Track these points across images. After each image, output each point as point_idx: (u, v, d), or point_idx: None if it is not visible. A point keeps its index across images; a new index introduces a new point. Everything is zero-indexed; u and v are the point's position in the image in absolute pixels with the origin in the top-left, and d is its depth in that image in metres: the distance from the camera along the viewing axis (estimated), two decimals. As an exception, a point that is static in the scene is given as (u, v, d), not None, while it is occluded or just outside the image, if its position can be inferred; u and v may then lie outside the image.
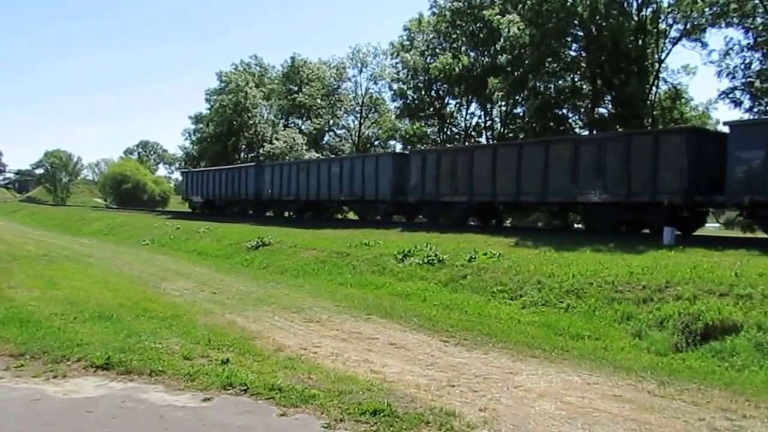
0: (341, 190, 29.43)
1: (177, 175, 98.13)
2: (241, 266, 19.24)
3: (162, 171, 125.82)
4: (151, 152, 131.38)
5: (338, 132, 62.78)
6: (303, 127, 60.22)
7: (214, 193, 41.47)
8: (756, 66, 30.19)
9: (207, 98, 61.50)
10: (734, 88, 30.81)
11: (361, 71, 58.39)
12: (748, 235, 18.55)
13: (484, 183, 22.32)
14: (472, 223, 25.54)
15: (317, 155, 53.52)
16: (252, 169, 37.90)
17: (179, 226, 31.81)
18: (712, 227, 43.07)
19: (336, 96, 59.16)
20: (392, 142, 56.58)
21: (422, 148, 41.19)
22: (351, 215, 36.34)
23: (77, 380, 6.81)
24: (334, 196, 30.20)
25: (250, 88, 55.41)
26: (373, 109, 59.37)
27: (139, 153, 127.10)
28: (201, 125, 60.69)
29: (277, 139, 53.74)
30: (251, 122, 54.83)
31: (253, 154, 55.95)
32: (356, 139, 58.39)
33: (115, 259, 20.98)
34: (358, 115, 59.40)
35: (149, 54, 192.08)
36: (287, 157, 51.12)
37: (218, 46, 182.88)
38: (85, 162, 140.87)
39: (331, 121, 61.11)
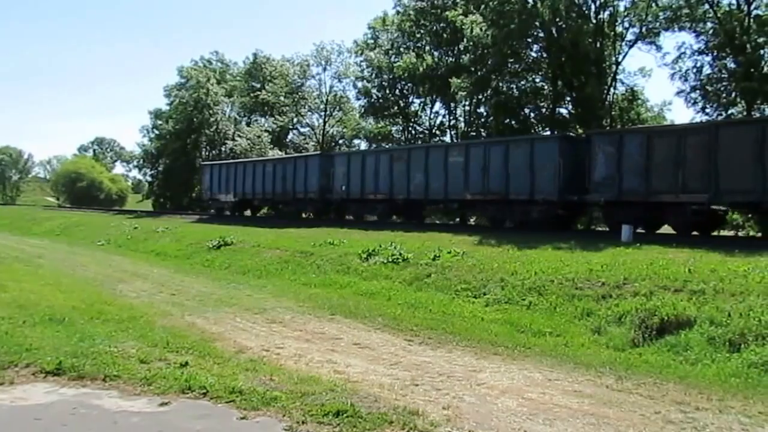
0: (468, 186, 22.65)
1: (135, 173, 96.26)
2: (202, 267, 18.97)
3: (119, 169, 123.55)
4: (108, 149, 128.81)
5: (302, 130, 62.39)
6: (266, 124, 59.68)
7: (254, 191, 34.69)
8: (707, 70, 31.03)
9: (166, 94, 60.44)
10: (694, 88, 31.55)
11: (325, 69, 58.16)
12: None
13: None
14: (437, 222, 26.39)
15: (281, 153, 53.06)
16: (316, 159, 31.15)
17: (137, 225, 31.26)
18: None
19: (300, 93, 58.77)
20: (357, 141, 56.51)
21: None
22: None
23: (26, 387, 6.53)
24: (454, 193, 23.41)
25: (212, 84, 54.65)
26: (337, 108, 59.16)
27: (94, 150, 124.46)
28: (160, 122, 59.65)
29: (239, 136, 53.15)
30: (212, 119, 54.08)
31: (214, 152, 55.21)
32: (321, 137, 58.09)
33: (68, 260, 20.49)
34: (323, 113, 59.13)
35: (105, 49, 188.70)
36: (251, 155, 50.62)
37: (178, 42, 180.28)
38: (37, 159, 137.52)
39: (295, 119, 60.70)
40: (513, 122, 34.62)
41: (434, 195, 24.16)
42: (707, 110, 30.70)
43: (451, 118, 45.61)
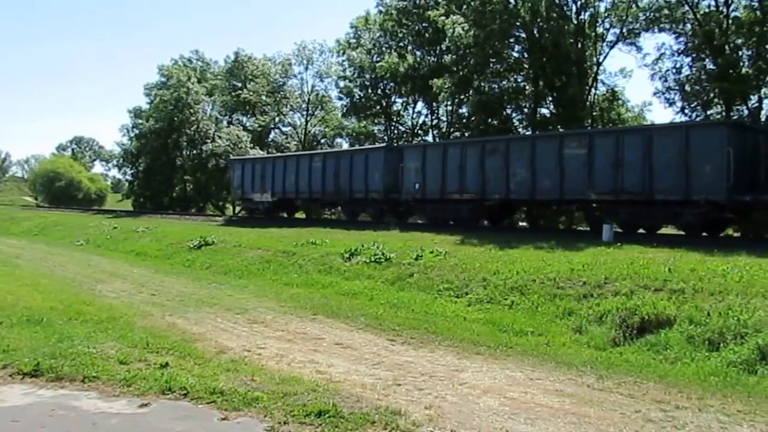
0: (592, 183, 18.56)
1: (114, 173, 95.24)
2: (183, 267, 18.82)
3: (98, 168, 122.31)
4: (87, 149, 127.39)
5: (284, 129, 62.11)
6: (248, 124, 59.35)
7: (297, 190, 30.29)
8: (686, 71, 31.37)
9: (146, 92, 59.82)
10: (669, 88, 31.89)
11: (307, 68, 57.92)
12: (681, 232, 19.18)
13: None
14: (419, 222, 26.11)
15: (262, 153, 52.75)
16: (380, 153, 26.61)
17: (116, 225, 30.96)
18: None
19: (281, 93, 58.49)
20: (339, 140, 56.38)
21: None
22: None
23: (3, 388, 6.45)
24: (573, 192, 19.24)
25: (192, 83, 54.22)
26: (319, 107, 58.98)
27: (73, 149, 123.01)
28: (140, 121, 59.10)
29: (220, 136, 52.80)
30: (193, 118, 53.65)
31: (195, 151, 54.78)
32: (302, 136, 57.89)
33: (46, 260, 20.25)
34: (305, 113, 58.93)
35: (84, 48, 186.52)
36: (233, 154, 50.24)
37: (158, 41, 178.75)
38: (14, 158, 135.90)
39: (277, 118, 60.40)
40: (494, 122, 34.72)
41: (544, 194, 19.88)
42: (686, 111, 31.02)
43: (434, 117, 45.70)
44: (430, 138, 44.33)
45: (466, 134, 37.84)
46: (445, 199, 22.98)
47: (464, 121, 40.39)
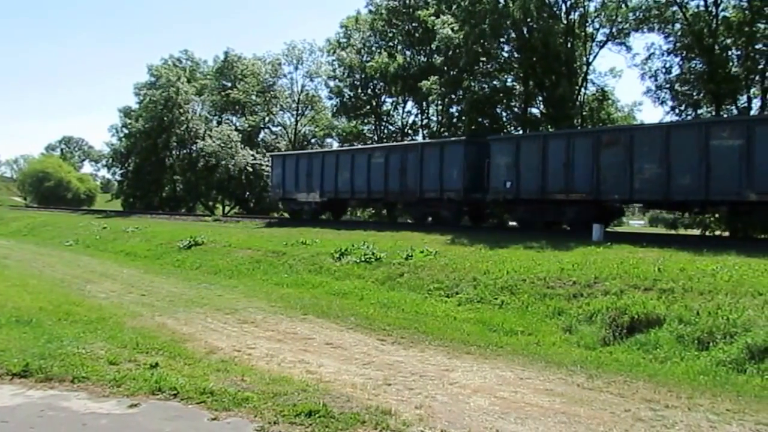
0: (751, 181, 15.61)
1: (104, 173, 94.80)
2: (172, 267, 18.74)
3: (88, 168, 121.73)
4: (76, 149, 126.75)
5: (274, 129, 61.96)
6: (237, 124, 59.18)
7: (352, 189, 27.02)
8: (676, 70, 31.56)
9: (136, 92, 59.62)
10: (659, 87, 32.05)
11: (296, 68, 57.79)
12: (672, 232, 19.37)
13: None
14: (409, 221, 26.04)
15: (252, 153, 52.56)
16: (459, 147, 23.13)
17: (106, 225, 30.80)
18: (637, 224, 44.91)
19: (271, 92, 58.35)
20: (329, 140, 56.29)
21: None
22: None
23: (-8, 389, 6.43)
24: (722, 192, 16.29)
25: (182, 83, 54.03)
26: (309, 107, 58.89)
27: (62, 149, 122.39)
28: (130, 120, 58.84)
29: (210, 136, 52.63)
30: (183, 118, 53.47)
31: (185, 151, 54.59)
32: (292, 136, 57.78)
33: (35, 260, 20.13)
34: (295, 113, 58.82)
35: (74, 48, 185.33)
36: (220, 154, 50.14)
37: (148, 41, 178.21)
38: (3, 158, 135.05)
39: (267, 118, 60.26)
40: (485, 122, 34.76)
41: (682, 194, 16.93)
42: (676, 110, 31.21)
43: (424, 117, 45.72)
44: (420, 138, 44.29)
45: (458, 134, 37.83)
46: (546, 199, 19.92)
47: (454, 120, 40.43)
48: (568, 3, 33.63)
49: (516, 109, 36.51)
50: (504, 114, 37.09)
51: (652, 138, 17.66)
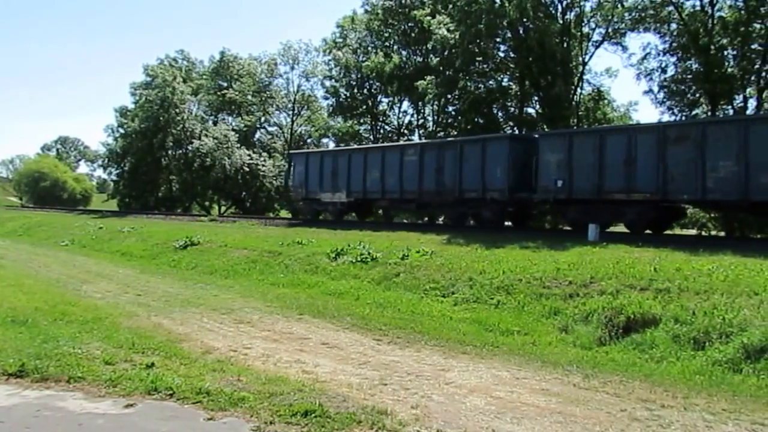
0: None
1: (99, 173, 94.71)
2: (168, 267, 18.70)
3: (83, 168, 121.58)
4: (72, 149, 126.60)
5: (270, 129, 61.93)
6: (233, 124, 59.10)
7: (383, 189, 25.45)
8: (671, 70, 31.65)
9: (132, 92, 59.51)
10: (661, 87, 32.12)
11: (293, 68, 57.73)
12: (667, 231, 19.37)
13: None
14: (405, 221, 25.89)
15: (248, 153, 52.50)
16: (503, 143, 21.82)
17: (102, 225, 30.72)
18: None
19: (267, 92, 58.29)
20: (325, 140, 56.24)
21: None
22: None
23: (-12, 389, 6.41)
24: None
25: (178, 83, 53.92)
26: (305, 107, 58.85)
27: (58, 149, 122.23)
28: (126, 120, 58.75)
29: (206, 134, 52.54)
30: (179, 118, 53.35)
31: (181, 151, 54.47)
32: (288, 136, 57.74)
33: (30, 260, 20.08)
34: (291, 113, 58.76)
35: (70, 48, 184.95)
36: (216, 154, 50.00)
37: (144, 41, 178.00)
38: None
39: (263, 118, 60.20)
40: (481, 121, 34.80)
41: (761, 193, 15.64)
42: (674, 111, 31.31)
43: (419, 117, 45.75)
44: (416, 138, 44.26)
45: (453, 134, 37.86)
46: (604, 199, 18.51)
47: (450, 120, 40.46)
48: (564, 3, 33.73)
49: (512, 109, 36.56)
50: (500, 114, 37.17)
51: (728, 133, 16.37)
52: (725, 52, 29.46)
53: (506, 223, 23.35)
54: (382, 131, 47.90)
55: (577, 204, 19.44)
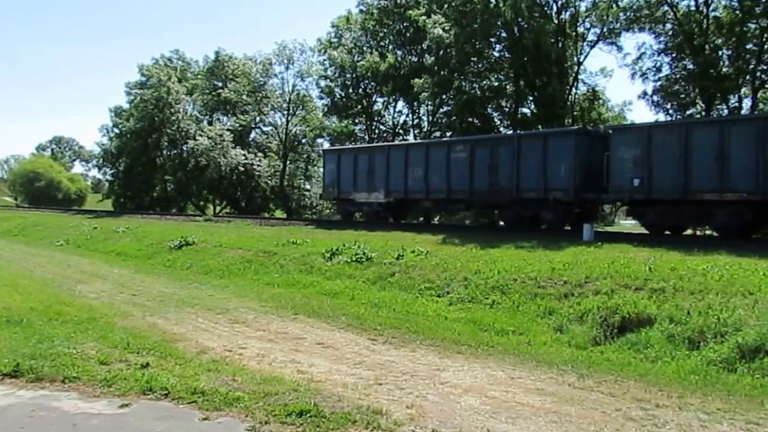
0: None
1: (94, 173, 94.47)
2: (163, 267, 18.67)
3: (78, 168, 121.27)
4: (66, 149, 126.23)
5: (265, 129, 61.84)
6: (228, 123, 59.02)
7: (427, 188, 23.66)
8: (666, 70, 31.72)
9: (127, 91, 59.52)
10: (655, 90, 32.19)
11: (287, 68, 57.61)
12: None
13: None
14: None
15: (243, 152, 52.42)
16: (568, 138, 19.85)
17: (97, 225, 30.64)
18: (628, 224, 45.00)
19: (262, 92, 58.19)
20: (320, 140, 56.19)
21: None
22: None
23: (-17, 390, 6.39)
24: None
25: (173, 82, 53.83)
26: (300, 107, 58.77)
27: (52, 150, 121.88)
28: (120, 120, 58.66)
29: (201, 134, 52.45)
30: (174, 118, 53.26)
31: (176, 151, 54.37)
32: (284, 136, 57.68)
33: (25, 260, 20.02)
34: (286, 112, 58.69)
35: (65, 48, 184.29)
36: (211, 154, 49.91)
37: (139, 41, 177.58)
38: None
39: (258, 118, 60.11)
40: (476, 121, 34.83)
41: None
42: (669, 111, 31.38)
43: (414, 117, 45.75)
44: (411, 137, 44.23)
45: (448, 134, 37.88)
46: (689, 200, 16.91)
47: (445, 120, 40.49)
48: (559, 3, 33.79)
49: (507, 109, 36.60)
50: (495, 114, 37.21)
51: None
52: (720, 52, 29.51)
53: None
54: (377, 131, 47.90)
55: (657, 205, 17.74)
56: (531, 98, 35.04)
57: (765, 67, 28.43)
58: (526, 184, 20.21)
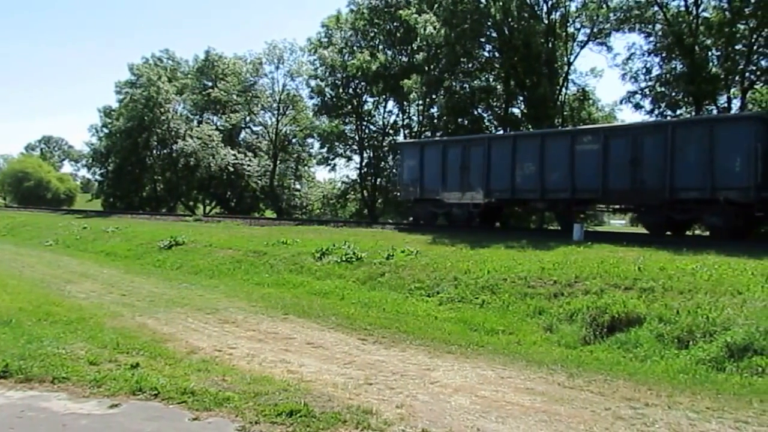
0: None
1: (84, 173, 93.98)
2: (153, 267, 18.59)
3: (67, 168, 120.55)
4: (56, 148, 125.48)
5: (255, 129, 61.75)
6: (218, 123, 58.86)
7: (542, 187, 19.96)
8: (656, 71, 31.89)
9: (117, 90, 59.25)
10: (635, 92, 32.38)
11: (278, 67, 57.54)
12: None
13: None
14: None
15: (233, 152, 52.29)
16: (744, 126, 16.72)
17: (86, 225, 30.48)
18: (618, 224, 45.19)
19: (252, 92, 58.09)
20: (310, 140, 56.13)
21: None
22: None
23: (-29, 391, 6.34)
24: None
25: (163, 82, 53.61)
26: (290, 106, 58.69)
27: (41, 149, 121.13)
28: (110, 120, 58.39)
29: (190, 136, 52.27)
30: (164, 117, 53.04)
31: (165, 150, 54.13)
32: (274, 136, 57.58)
33: (14, 261, 19.88)
34: (276, 112, 58.59)
35: (53, 47, 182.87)
36: (200, 154, 49.80)
37: (128, 41, 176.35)
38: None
39: (248, 118, 59.99)
40: (465, 122, 34.90)
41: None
42: (656, 111, 31.53)
43: (405, 117, 45.79)
44: (401, 137, 44.18)
45: (438, 134, 37.90)
46: None
47: (435, 120, 40.55)
48: (549, 3, 33.93)
49: (497, 109, 36.68)
50: (485, 114, 37.29)
51: None
52: (709, 53, 29.70)
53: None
54: (367, 131, 47.91)
55: None
56: (521, 98, 35.16)
57: (754, 68, 28.68)
58: (684, 181, 16.92)
